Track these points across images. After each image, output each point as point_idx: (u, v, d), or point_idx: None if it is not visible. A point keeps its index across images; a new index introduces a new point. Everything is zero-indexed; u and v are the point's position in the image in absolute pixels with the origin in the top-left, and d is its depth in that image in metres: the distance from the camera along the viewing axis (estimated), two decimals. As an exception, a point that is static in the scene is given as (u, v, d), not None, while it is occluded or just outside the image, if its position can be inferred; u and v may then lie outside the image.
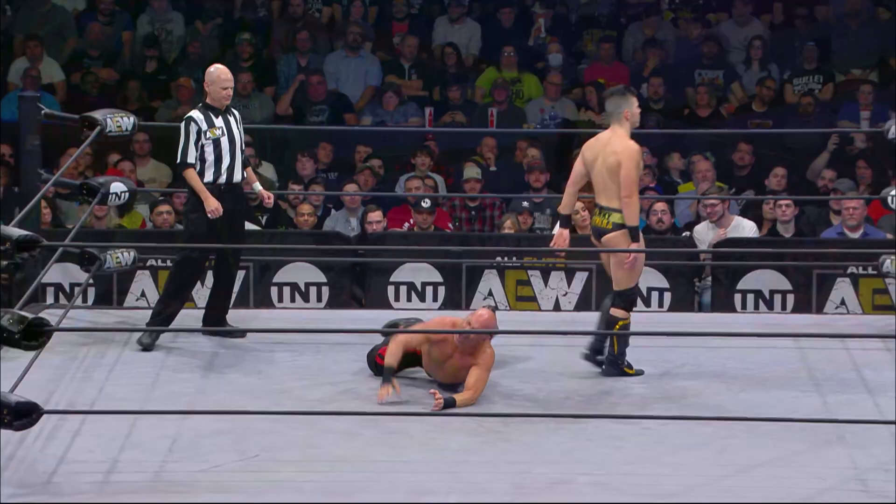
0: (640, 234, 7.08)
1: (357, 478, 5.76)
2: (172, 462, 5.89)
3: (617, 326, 7.09)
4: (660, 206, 9.99)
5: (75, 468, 5.78)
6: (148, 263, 9.50)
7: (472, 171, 10.79)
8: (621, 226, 7.02)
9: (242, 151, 7.69)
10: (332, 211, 10.66)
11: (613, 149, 7.05)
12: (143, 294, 9.56)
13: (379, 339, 7.14)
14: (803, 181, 11.20)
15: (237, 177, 7.64)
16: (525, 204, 10.29)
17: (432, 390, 6.60)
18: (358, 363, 7.23)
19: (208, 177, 7.56)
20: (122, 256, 8.11)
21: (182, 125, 7.61)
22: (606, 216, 7.08)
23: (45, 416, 5.50)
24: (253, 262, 9.53)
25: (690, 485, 5.71)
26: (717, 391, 6.96)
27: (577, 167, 7.21)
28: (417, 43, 12.64)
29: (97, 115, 7.77)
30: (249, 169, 7.84)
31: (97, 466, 5.81)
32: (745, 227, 9.86)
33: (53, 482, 5.65)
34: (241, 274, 9.55)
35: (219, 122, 7.60)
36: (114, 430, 6.16)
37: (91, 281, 8.86)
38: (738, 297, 9.50)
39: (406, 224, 10.22)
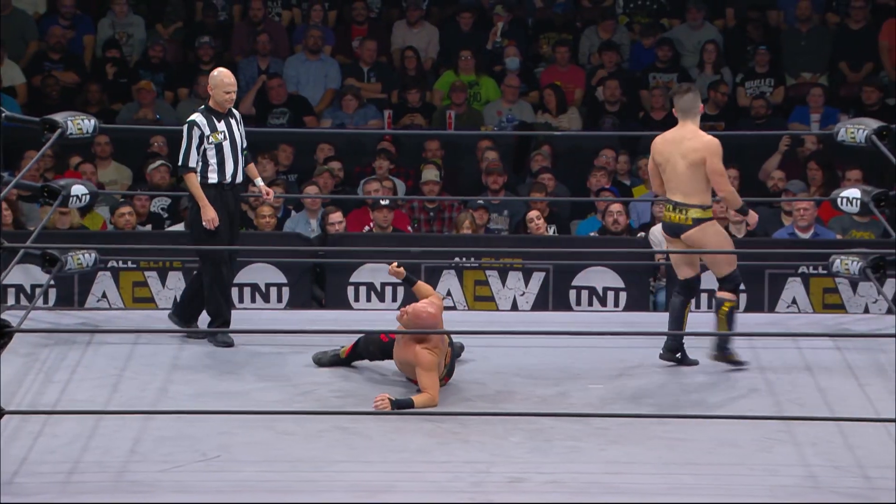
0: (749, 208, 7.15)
1: (317, 477, 5.76)
2: (134, 463, 5.87)
3: (724, 307, 7.15)
4: (615, 207, 10.03)
5: (37, 469, 5.75)
6: (109, 265, 9.46)
7: (430, 173, 10.79)
8: (700, 220, 7.04)
9: (244, 152, 7.71)
10: (293, 212, 10.64)
11: (694, 146, 7.08)
12: (104, 295, 9.51)
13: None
14: (755, 182, 11.26)
15: (239, 178, 7.70)
16: (480, 202, 10.30)
17: (382, 394, 6.60)
18: (317, 365, 7.23)
19: (213, 178, 7.61)
20: (83, 258, 8.07)
21: (185, 129, 7.62)
22: (684, 212, 7.10)
23: (6, 417, 5.47)
24: (214, 264, 9.48)
25: (647, 483, 5.73)
26: (671, 390, 6.99)
27: (652, 168, 7.23)
28: (376, 46, 12.64)
29: (58, 117, 7.72)
30: (252, 165, 7.88)
31: (59, 467, 5.78)
32: (699, 228, 9.88)
33: (15, 483, 5.62)
34: (201, 275, 9.53)
35: (221, 126, 7.63)
36: (76, 432, 6.14)
37: (52, 282, 8.80)
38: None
39: (366, 227, 10.22)
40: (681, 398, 6.86)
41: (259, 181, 7.88)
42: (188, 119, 7.67)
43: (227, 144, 7.62)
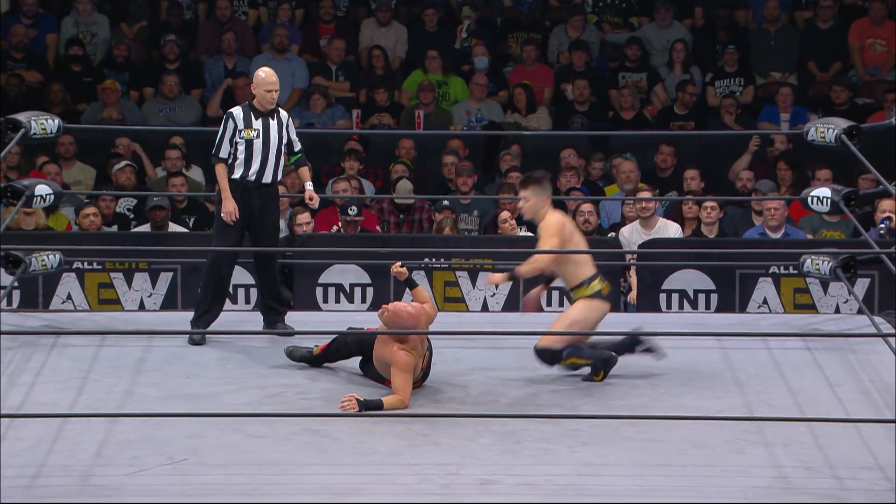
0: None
1: (285, 480, 5.73)
2: (100, 466, 5.83)
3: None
4: (586, 207, 10.03)
5: (1, 473, 5.69)
6: (74, 266, 9.40)
7: (404, 185, 10.76)
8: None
9: (282, 154, 7.69)
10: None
11: None
12: (69, 297, 9.46)
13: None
14: (725, 182, 11.29)
15: (267, 178, 7.65)
16: (445, 203, 10.27)
17: (351, 394, 6.58)
18: (286, 367, 7.20)
19: (236, 174, 7.63)
20: (47, 259, 8.00)
21: (222, 120, 7.68)
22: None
23: (-30, 421, 5.42)
24: (181, 265, 9.45)
25: (619, 485, 5.73)
26: (642, 391, 7.00)
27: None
28: (344, 45, 12.61)
29: (21, 117, 7.66)
30: (305, 168, 7.86)
31: (24, 471, 5.74)
32: (670, 229, 9.92)
33: (-21, 488, 5.57)
34: (168, 276, 9.49)
35: (257, 123, 7.62)
36: (40, 435, 6.10)
37: (16, 284, 8.74)
38: (662, 297, 9.56)
39: (335, 227, 10.18)
40: (652, 399, 6.86)
41: (308, 185, 7.84)
42: (227, 111, 7.74)
43: (258, 143, 7.60)
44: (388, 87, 12.28)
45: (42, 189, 7.87)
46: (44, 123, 7.65)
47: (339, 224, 10.09)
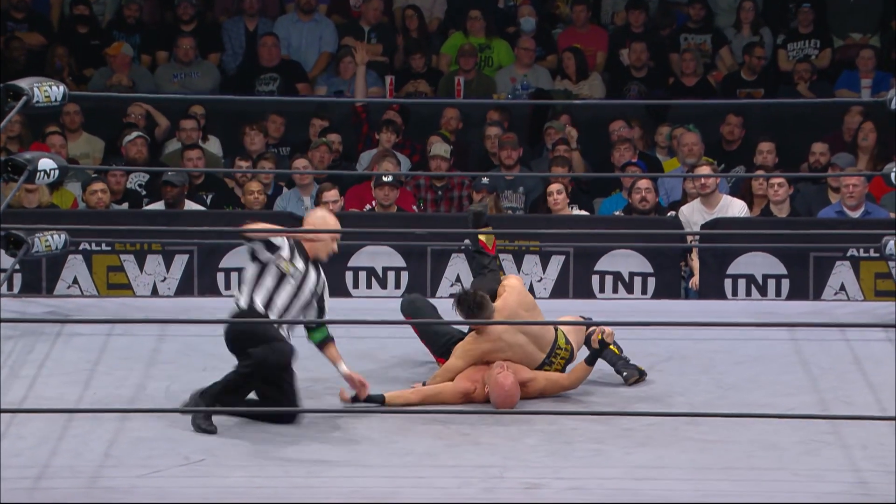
0: None
1: (312, 483, 5.76)
2: (109, 467, 5.87)
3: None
4: (643, 183, 10.01)
5: (1, 474, 5.74)
6: (81, 247, 9.47)
7: (439, 147, 10.78)
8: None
9: (301, 314, 6.65)
10: (284, 189, 10.64)
11: None
12: (74, 281, 9.53)
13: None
14: (796, 157, 11.24)
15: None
16: (485, 181, 10.27)
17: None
18: (313, 359, 7.22)
19: (253, 299, 6.57)
20: (52, 239, 8.06)
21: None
22: None
23: (-33, 417, 5.48)
24: (197, 247, 9.49)
25: (676, 490, 5.73)
26: (704, 388, 6.99)
27: None
28: (380, 5, 12.61)
29: (23, 83, 7.69)
30: (332, 347, 6.68)
31: (26, 472, 5.78)
32: (735, 207, 9.90)
33: (-23, 490, 5.63)
34: (183, 259, 9.54)
35: (300, 264, 6.60)
36: (44, 433, 6.14)
37: (17, 267, 8.80)
38: (727, 283, 9.54)
39: (367, 206, 10.21)
40: (716, 396, 6.86)
41: (342, 366, 6.65)
42: None
43: (290, 286, 6.57)
44: (424, 51, 12.28)
45: (46, 163, 7.91)
46: (47, 91, 7.67)
47: (373, 202, 10.11)
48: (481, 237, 7.21)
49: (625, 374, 7.00)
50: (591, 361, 6.80)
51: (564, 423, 6.38)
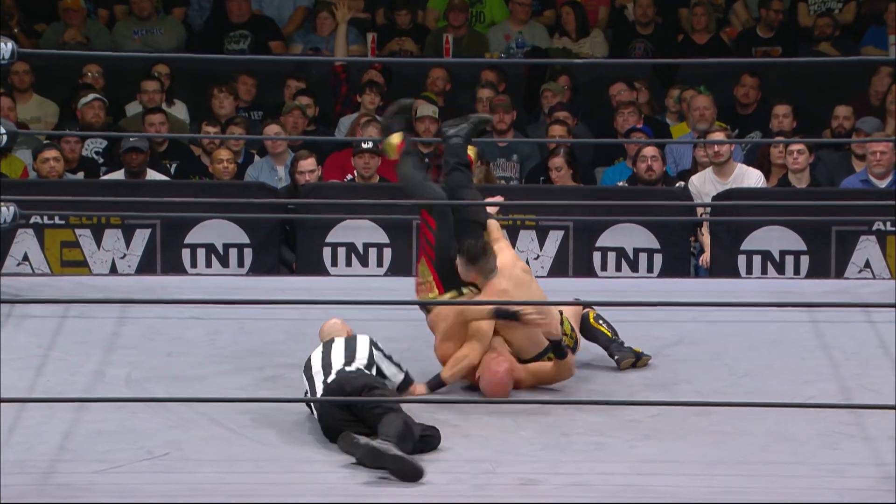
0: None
1: (288, 479, 5.77)
2: (64, 462, 5.87)
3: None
4: (650, 151, 10.02)
5: (-54, 470, 5.77)
6: (32, 221, 9.45)
7: (425, 109, 10.79)
8: None
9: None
10: (255, 157, 10.64)
11: None
12: (25, 258, 9.52)
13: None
14: (817, 121, 11.25)
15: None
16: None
17: None
18: (289, 343, 7.23)
19: None
20: None
21: None
22: None
23: None
24: (160, 220, 9.49)
25: (685, 486, 5.75)
26: (715, 374, 7.01)
27: None
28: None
29: (-33, 41, 7.69)
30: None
31: (-27, 468, 5.80)
32: (751, 177, 9.91)
33: (-81, 488, 5.64)
34: (145, 233, 9.54)
35: None
36: (-7, 425, 6.15)
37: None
38: (741, 260, 9.56)
39: (348, 176, 10.20)
40: (728, 384, 6.88)
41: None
42: None
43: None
44: (409, 6, 12.27)
45: (-7, 128, 7.92)
46: (-6, 48, 7.67)
47: (354, 173, 10.11)
48: (469, 151, 7.15)
49: (616, 356, 7.02)
50: (560, 355, 6.75)
51: (562, 414, 6.39)
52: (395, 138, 7.03)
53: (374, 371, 6.30)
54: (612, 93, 11.25)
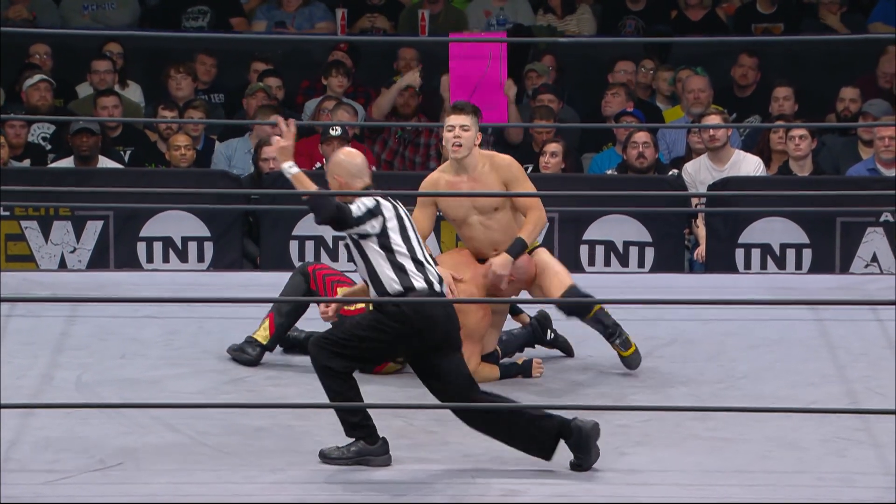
0: None
1: (250, 490, 5.77)
2: (9, 472, 5.86)
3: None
4: (641, 136, 10.02)
5: None
6: (-25, 213, 9.45)
7: (410, 76, 10.79)
8: None
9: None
10: (216, 143, 10.62)
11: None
12: (-28, 254, 9.51)
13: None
14: (822, 104, 11.27)
15: None
16: None
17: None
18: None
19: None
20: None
21: None
22: None
23: None
24: (113, 211, 9.48)
25: (680, 497, 5.76)
26: (713, 376, 7.02)
27: None
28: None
29: None
30: None
31: None
32: (749, 164, 9.92)
33: None
34: (97, 225, 9.52)
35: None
36: (-68, 432, 6.14)
37: None
38: (740, 254, 9.58)
39: (317, 164, 10.20)
40: (726, 387, 6.89)
41: None
42: None
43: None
44: (382, -21, 12.28)
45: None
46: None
47: (323, 160, 10.10)
48: None
49: (618, 342, 7.04)
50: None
51: (548, 419, 6.40)
52: None
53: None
54: (617, 69, 11.26)
